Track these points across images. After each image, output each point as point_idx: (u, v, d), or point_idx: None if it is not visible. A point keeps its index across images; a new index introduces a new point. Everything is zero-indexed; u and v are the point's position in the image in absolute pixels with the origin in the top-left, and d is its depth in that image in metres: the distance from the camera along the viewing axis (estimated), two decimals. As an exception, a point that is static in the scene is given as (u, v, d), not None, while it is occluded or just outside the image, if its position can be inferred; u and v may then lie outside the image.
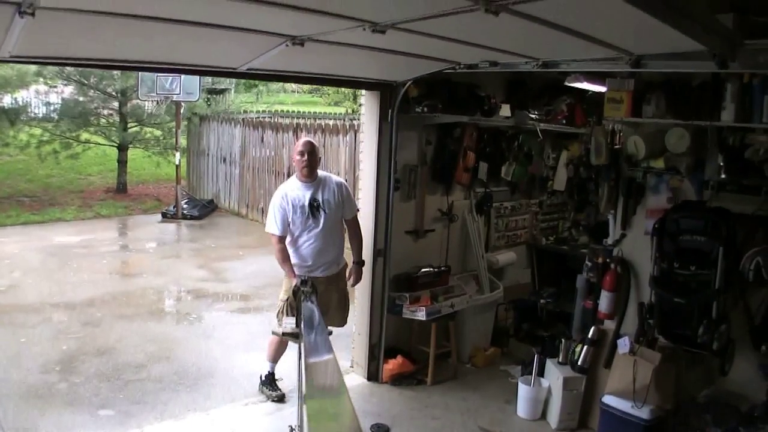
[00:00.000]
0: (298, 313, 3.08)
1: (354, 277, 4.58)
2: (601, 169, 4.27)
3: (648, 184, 4.13)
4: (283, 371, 4.63)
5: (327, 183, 4.35)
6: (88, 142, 13.23)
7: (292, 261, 4.32)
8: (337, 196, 4.33)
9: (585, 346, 4.27)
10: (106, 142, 13.33)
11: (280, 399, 4.56)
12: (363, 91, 5.03)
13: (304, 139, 4.42)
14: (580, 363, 4.27)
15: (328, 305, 4.36)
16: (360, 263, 4.57)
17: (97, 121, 13.22)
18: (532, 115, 5.60)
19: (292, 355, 4.13)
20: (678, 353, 3.91)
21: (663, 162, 3.95)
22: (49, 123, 13.35)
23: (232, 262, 8.77)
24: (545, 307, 5.83)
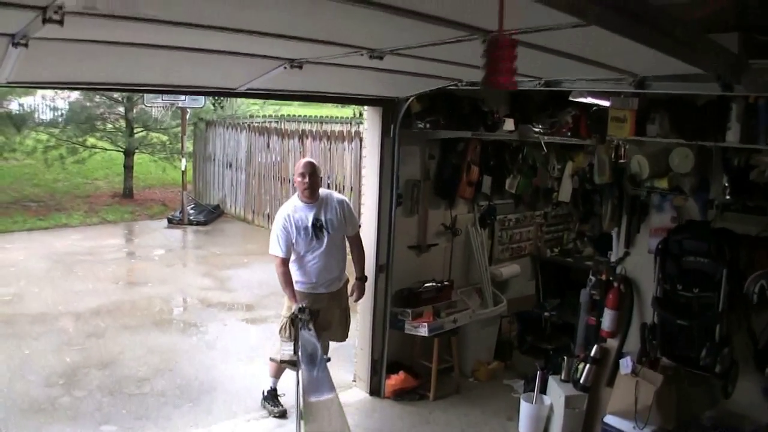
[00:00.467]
0: (296, 341, 3.07)
1: (357, 293, 4.57)
2: (604, 187, 4.24)
3: (652, 203, 4.09)
4: (285, 387, 4.62)
5: (329, 202, 4.34)
6: (95, 147, 13.33)
7: (296, 277, 4.31)
8: (340, 215, 4.32)
9: (587, 365, 4.24)
10: (112, 147, 13.41)
11: (282, 415, 4.56)
12: (365, 104, 5.01)
13: (305, 160, 4.41)
14: (582, 381, 4.23)
15: (330, 321, 4.38)
16: (363, 279, 4.56)
17: (103, 126, 13.32)
18: (536, 129, 5.54)
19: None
20: (680, 373, 3.87)
21: (667, 182, 3.90)
22: (56, 128, 13.42)
23: (237, 269, 8.79)
24: (549, 319, 5.80)
